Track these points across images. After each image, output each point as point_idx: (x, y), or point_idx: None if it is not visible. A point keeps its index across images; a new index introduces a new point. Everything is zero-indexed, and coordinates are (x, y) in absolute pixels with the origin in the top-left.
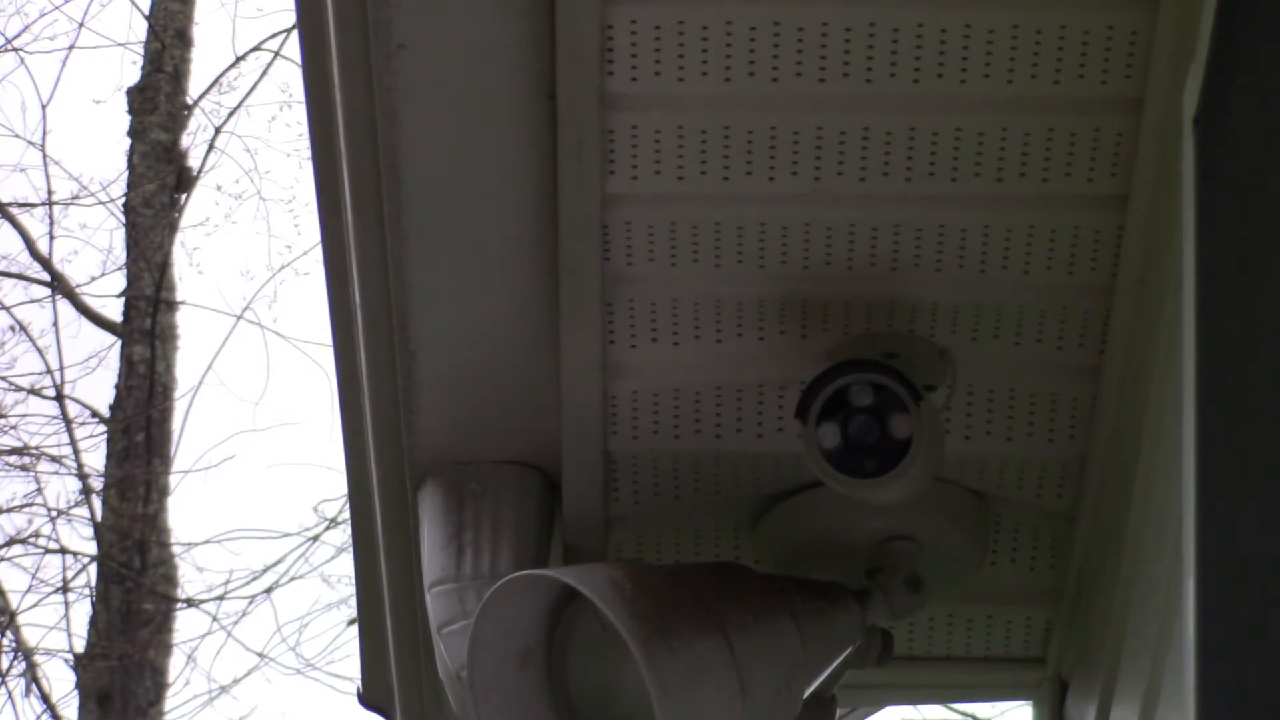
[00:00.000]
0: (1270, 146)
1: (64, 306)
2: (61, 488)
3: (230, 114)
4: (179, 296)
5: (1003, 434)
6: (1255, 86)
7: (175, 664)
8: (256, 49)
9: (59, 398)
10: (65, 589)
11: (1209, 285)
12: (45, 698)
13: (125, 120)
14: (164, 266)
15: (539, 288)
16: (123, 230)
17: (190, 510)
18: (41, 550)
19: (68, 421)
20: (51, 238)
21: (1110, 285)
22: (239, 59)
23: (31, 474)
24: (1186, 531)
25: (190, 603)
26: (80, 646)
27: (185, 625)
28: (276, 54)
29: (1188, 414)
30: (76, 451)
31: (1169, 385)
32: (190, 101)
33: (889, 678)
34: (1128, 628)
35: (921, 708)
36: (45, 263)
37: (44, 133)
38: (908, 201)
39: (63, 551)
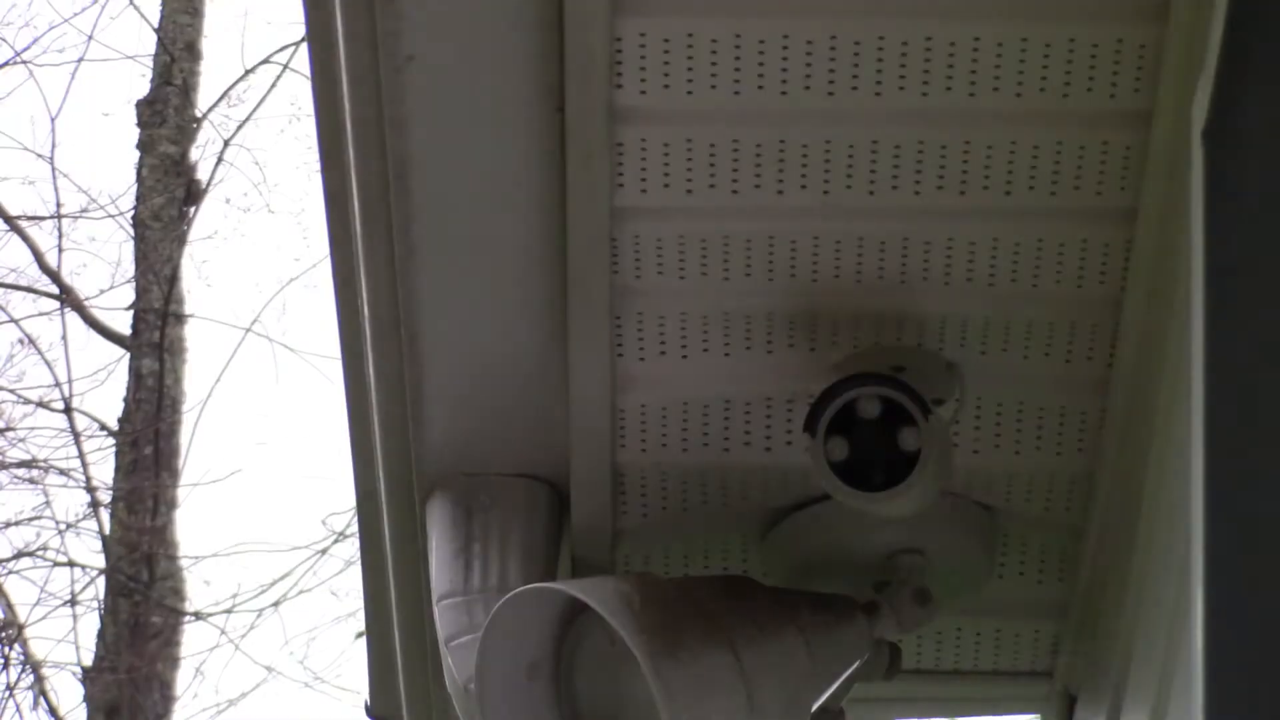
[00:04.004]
0: None
1: (73, 319)
2: (70, 501)
3: (239, 127)
4: (188, 309)
5: (1011, 447)
6: (1265, 99)
7: (183, 677)
8: (265, 62)
9: (67, 410)
10: (73, 602)
11: (1218, 298)
12: (53, 710)
13: (134, 133)
14: (173, 279)
15: (548, 300)
16: (131, 243)
17: (198, 523)
18: (50, 563)
19: (76, 434)
20: (60, 250)
21: (1119, 298)
22: (248, 72)
23: (40, 487)
24: (1195, 544)
25: (198, 616)
26: (88, 659)
27: (193, 638)
28: (285, 67)
29: (1196, 427)
30: (85, 464)
31: (1178, 398)
32: (199, 114)
33: (897, 691)
34: (1136, 641)
35: None
36: (54, 275)
37: (53, 145)
38: (916, 215)
39: (71, 564)
